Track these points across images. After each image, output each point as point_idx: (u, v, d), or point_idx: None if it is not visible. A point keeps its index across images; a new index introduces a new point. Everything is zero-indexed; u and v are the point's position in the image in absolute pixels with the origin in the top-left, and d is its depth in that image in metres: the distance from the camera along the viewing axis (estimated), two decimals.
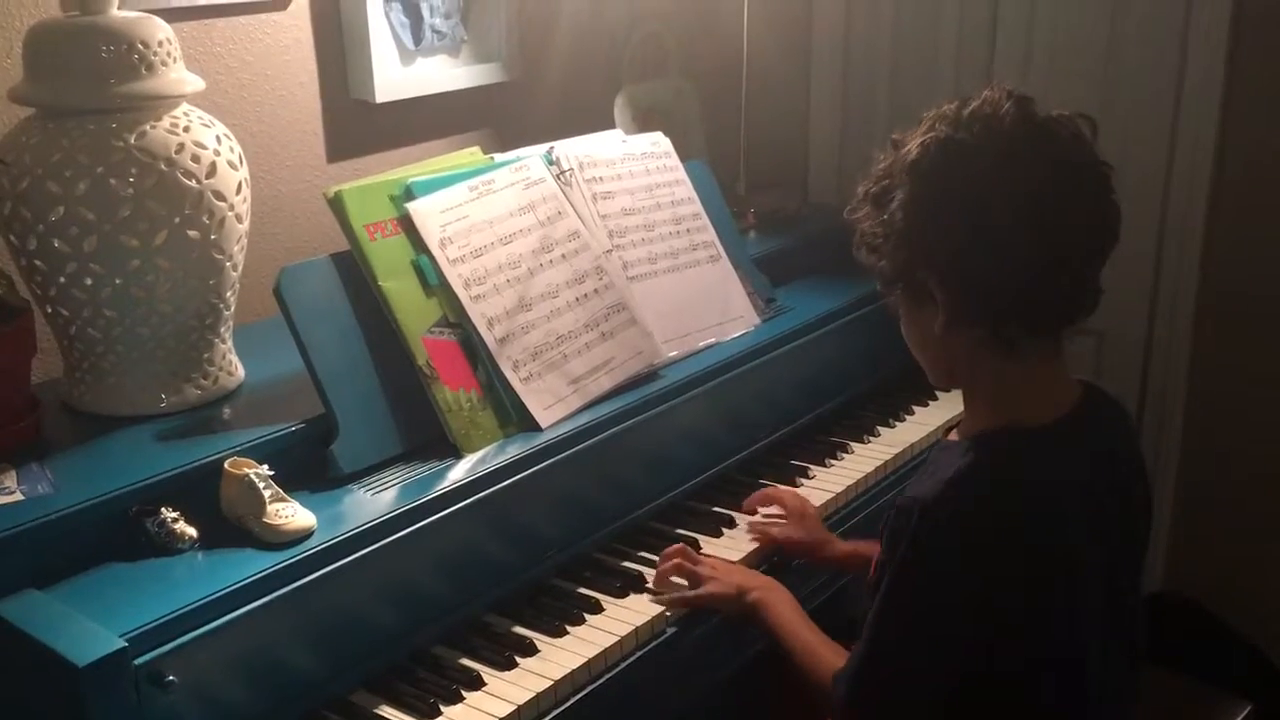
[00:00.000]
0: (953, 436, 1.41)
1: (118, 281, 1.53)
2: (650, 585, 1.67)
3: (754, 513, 1.87)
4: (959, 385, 1.40)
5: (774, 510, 1.86)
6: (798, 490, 1.94)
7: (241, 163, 1.62)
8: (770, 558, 1.79)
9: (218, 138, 1.58)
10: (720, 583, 1.63)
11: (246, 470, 1.44)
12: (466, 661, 1.52)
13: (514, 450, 1.64)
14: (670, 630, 1.62)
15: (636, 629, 1.58)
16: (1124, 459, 1.41)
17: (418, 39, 2.20)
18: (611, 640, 1.56)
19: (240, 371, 1.72)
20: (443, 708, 1.43)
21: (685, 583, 1.66)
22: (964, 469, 1.29)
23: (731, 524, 1.84)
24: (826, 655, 1.48)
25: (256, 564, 1.37)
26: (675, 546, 1.71)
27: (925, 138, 1.28)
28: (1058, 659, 1.32)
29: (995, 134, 1.26)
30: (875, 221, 1.34)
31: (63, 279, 1.53)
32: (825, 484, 1.98)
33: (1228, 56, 2.21)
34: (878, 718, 1.39)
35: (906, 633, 1.32)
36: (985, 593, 1.27)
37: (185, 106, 1.59)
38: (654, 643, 1.60)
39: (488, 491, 1.57)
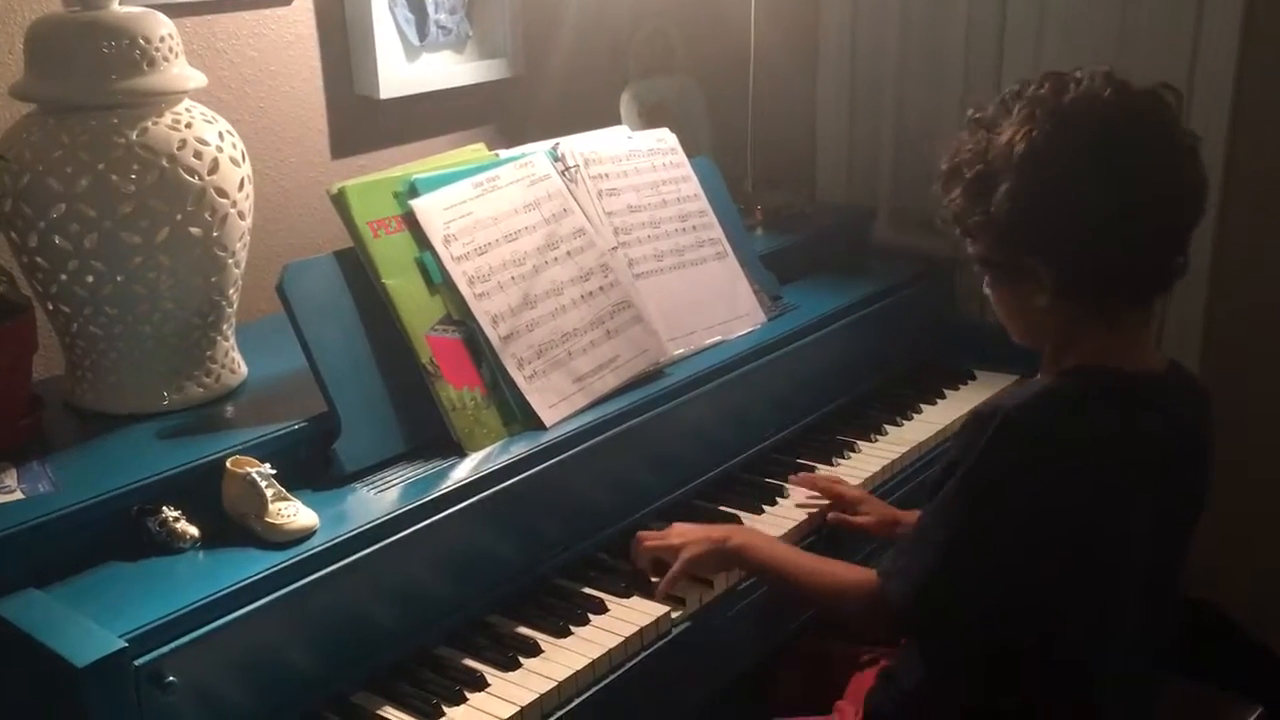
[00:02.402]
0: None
1: (119, 279, 1.52)
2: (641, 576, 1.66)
3: (817, 491, 1.88)
4: (1047, 350, 1.43)
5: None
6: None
7: (244, 159, 1.61)
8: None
9: (220, 134, 1.57)
10: (694, 544, 1.63)
11: (248, 469, 1.44)
12: (470, 662, 1.51)
13: (518, 449, 1.63)
14: (675, 630, 1.61)
15: (641, 629, 1.57)
16: (1197, 435, 1.42)
17: (422, 35, 2.19)
18: (616, 640, 1.55)
19: (243, 369, 1.71)
20: (445, 708, 1.42)
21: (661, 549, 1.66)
22: (1055, 386, 1.34)
23: (738, 523, 1.83)
24: (837, 570, 1.51)
25: (258, 563, 1.36)
26: (634, 539, 1.69)
27: (1029, 128, 1.30)
28: (1094, 593, 1.34)
29: (1099, 122, 1.30)
30: (973, 209, 1.36)
31: (64, 276, 1.52)
32: None
33: (1240, 51, 2.19)
34: (937, 612, 1.39)
35: (973, 531, 1.33)
36: (1048, 505, 1.29)
37: (187, 102, 1.58)
38: (659, 643, 1.59)
39: (491, 490, 1.56)
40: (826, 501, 1.86)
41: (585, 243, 1.85)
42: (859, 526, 1.82)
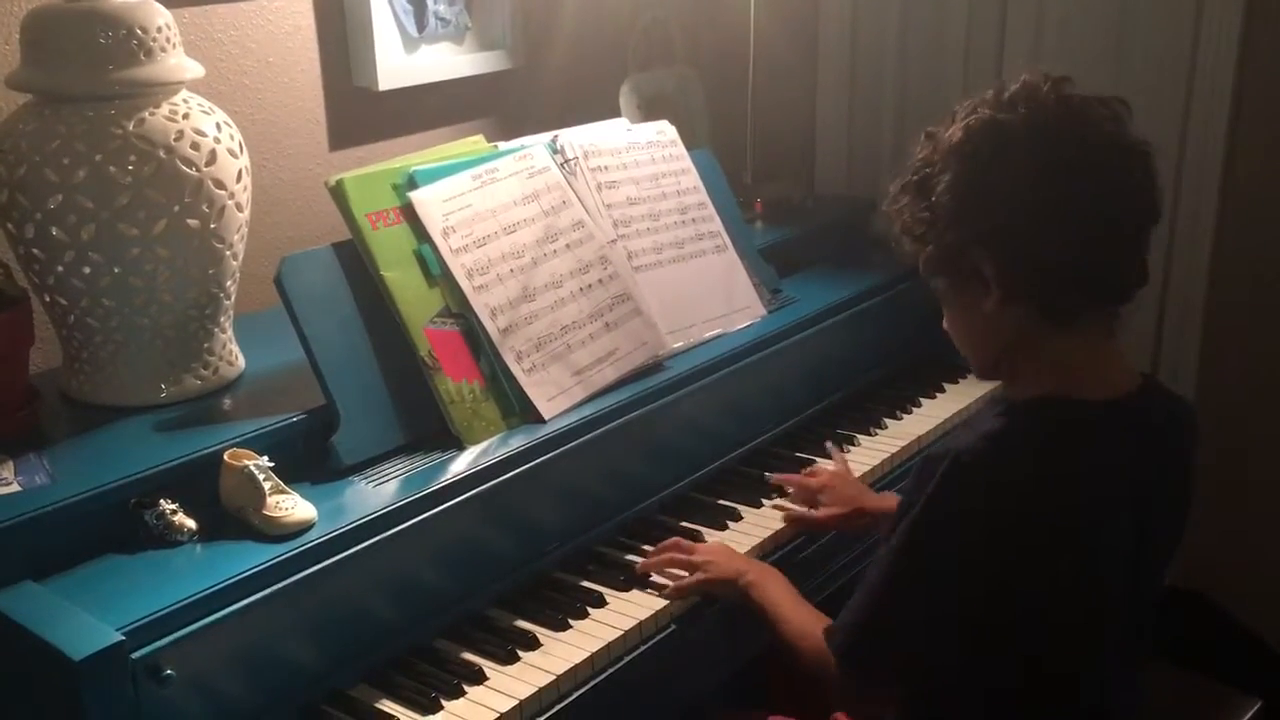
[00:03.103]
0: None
1: (116, 270, 1.51)
2: (641, 571, 1.66)
3: (784, 490, 1.86)
4: (1004, 374, 1.39)
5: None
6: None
7: (242, 150, 1.60)
8: (780, 547, 1.78)
9: (218, 125, 1.57)
10: (717, 566, 1.63)
11: (246, 462, 1.43)
12: (468, 655, 1.50)
13: (517, 442, 1.62)
14: (673, 625, 1.61)
15: (640, 623, 1.57)
16: (1174, 458, 1.37)
17: (421, 26, 2.19)
18: (615, 634, 1.54)
19: (241, 362, 1.71)
20: (444, 702, 1.42)
21: (683, 573, 1.64)
22: (1005, 426, 1.28)
23: (737, 517, 1.83)
24: (813, 625, 1.47)
25: (256, 556, 1.35)
26: (668, 541, 1.70)
27: (968, 120, 1.29)
28: (1062, 639, 1.31)
29: (1037, 112, 1.27)
30: (918, 209, 1.33)
31: (61, 268, 1.52)
32: None
33: (1239, 49, 2.18)
34: (876, 669, 1.36)
35: (918, 579, 1.30)
36: (1003, 552, 1.25)
37: (185, 93, 1.57)
38: (657, 636, 1.59)
39: (490, 484, 1.56)
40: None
41: (584, 235, 1.85)
42: (813, 522, 1.79)
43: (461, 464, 1.57)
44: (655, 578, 1.66)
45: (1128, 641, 1.37)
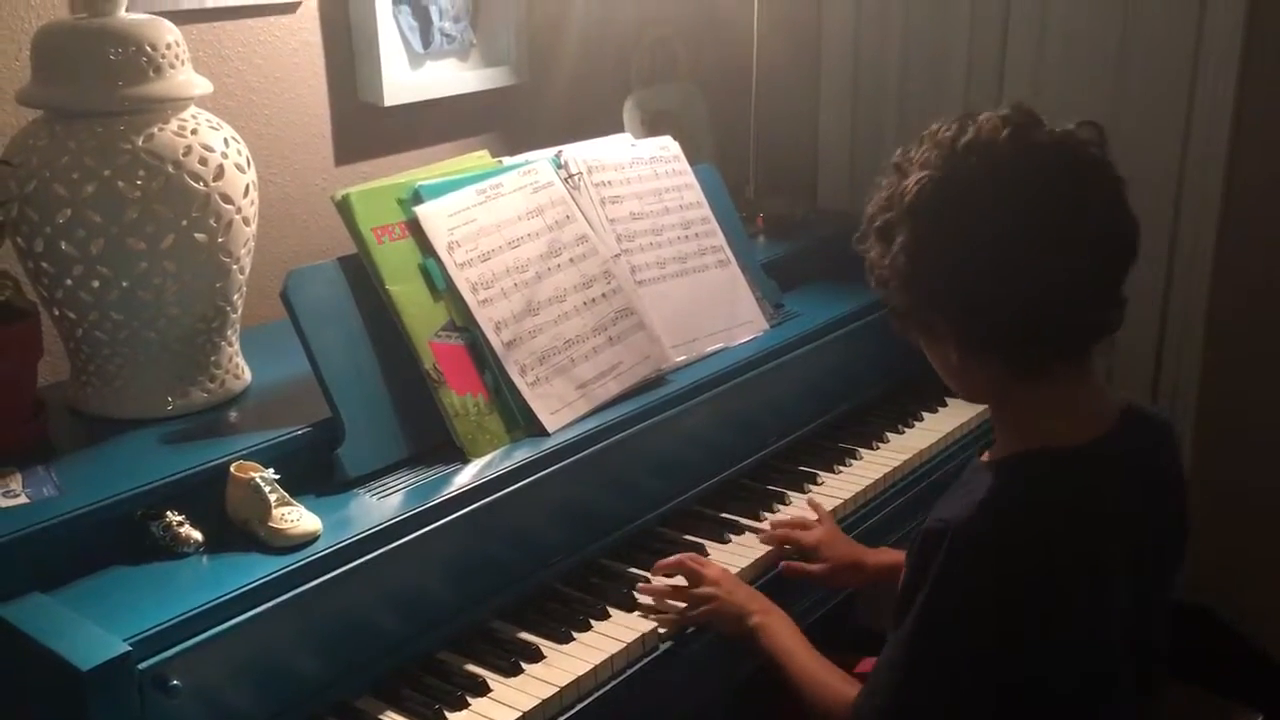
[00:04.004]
0: (984, 458, 1.38)
1: (124, 284, 1.52)
2: (646, 596, 1.65)
3: (776, 545, 1.80)
4: (989, 409, 1.38)
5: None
6: (811, 497, 1.93)
7: (249, 165, 1.61)
8: (776, 566, 1.78)
9: (225, 140, 1.58)
10: (723, 602, 1.60)
11: (252, 474, 1.44)
12: (472, 667, 1.51)
13: (520, 455, 1.63)
14: (677, 637, 1.61)
15: (643, 636, 1.58)
16: (1163, 481, 1.36)
17: (426, 42, 2.20)
18: (618, 646, 1.55)
19: (247, 375, 1.72)
20: (448, 714, 1.42)
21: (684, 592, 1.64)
22: (996, 492, 1.26)
23: (739, 530, 1.83)
24: (832, 681, 1.46)
25: (262, 568, 1.36)
26: (671, 559, 1.68)
27: (920, 176, 1.25)
28: (1085, 683, 1.30)
29: (992, 167, 1.23)
30: (880, 258, 1.32)
31: (69, 281, 1.53)
32: (834, 490, 1.97)
33: (1240, 63, 2.20)
34: None
35: (941, 660, 1.28)
36: (1018, 617, 1.24)
37: (193, 109, 1.58)
38: (661, 649, 1.59)
39: (494, 496, 1.56)
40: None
41: (588, 250, 1.86)
42: (811, 575, 1.75)
43: (465, 477, 1.58)
44: (646, 599, 1.64)
45: (1141, 671, 1.37)
